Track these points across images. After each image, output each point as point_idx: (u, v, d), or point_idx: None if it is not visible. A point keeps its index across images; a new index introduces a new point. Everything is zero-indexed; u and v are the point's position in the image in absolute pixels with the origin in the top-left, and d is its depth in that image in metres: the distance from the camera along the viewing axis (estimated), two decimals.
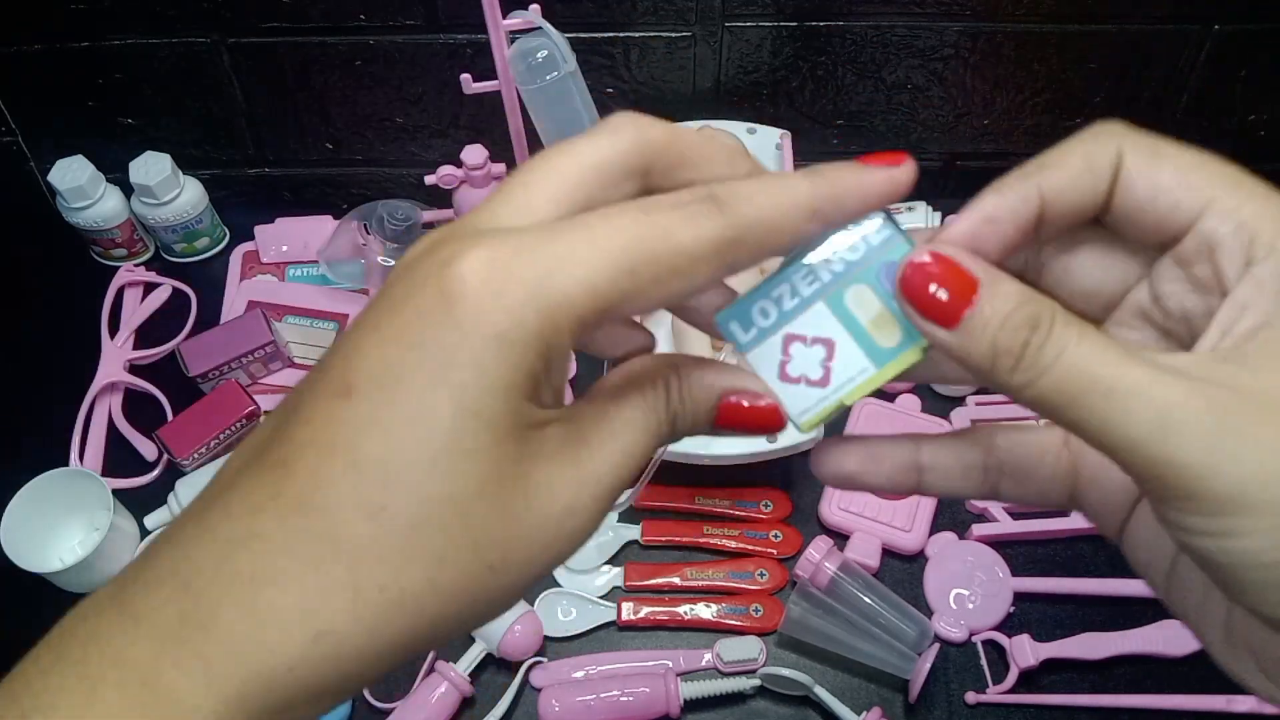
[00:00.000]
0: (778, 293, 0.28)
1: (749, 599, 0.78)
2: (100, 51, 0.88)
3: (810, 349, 0.27)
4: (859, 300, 0.26)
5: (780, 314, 0.27)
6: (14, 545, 0.77)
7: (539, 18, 0.72)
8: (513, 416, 0.23)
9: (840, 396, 0.27)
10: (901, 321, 0.26)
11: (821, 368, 0.27)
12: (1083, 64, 0.88)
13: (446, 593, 0.23)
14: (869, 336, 0.27)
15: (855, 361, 0.27)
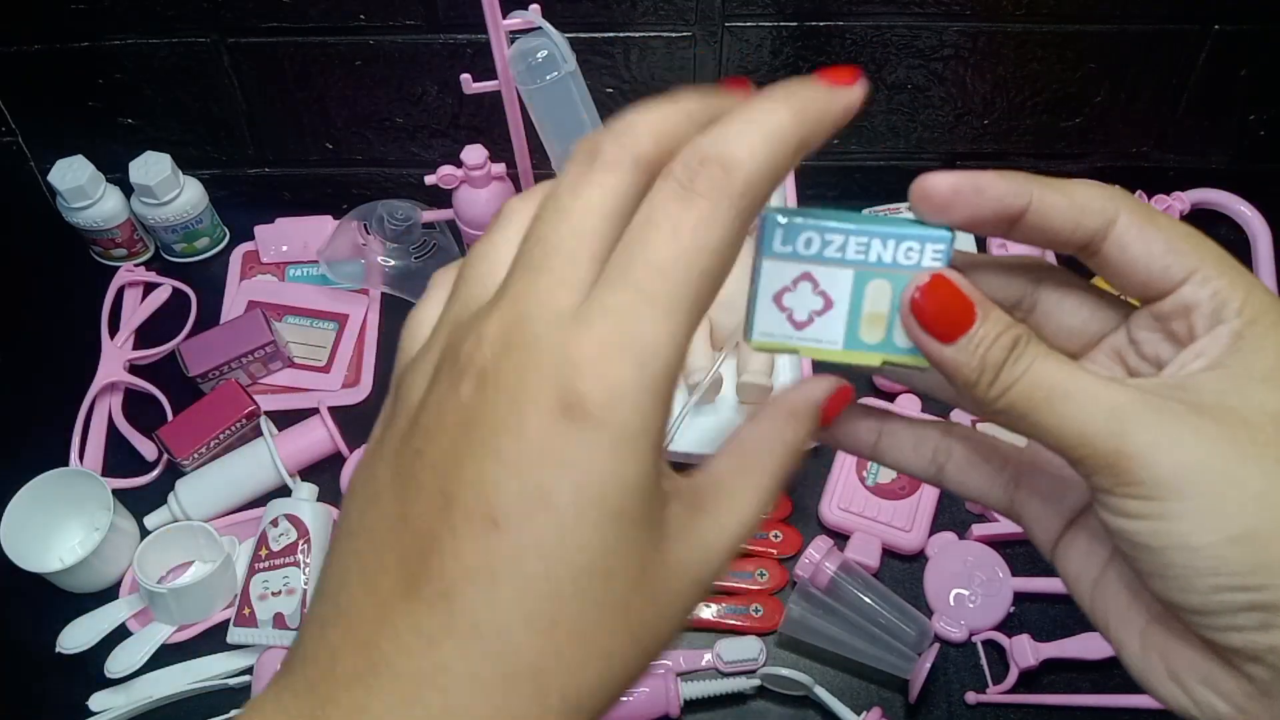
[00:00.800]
0: (831, 237, 0.29)
1: (749, 599, 0.78)
2: (100, 51, 0.88)
3: (813, 296, 0.29)
4: (877, 292, 0.29)
5: (818, 254, 0.29)
6: (14, 545, 0.77)
7: (539, 18, 0.72)
8: (650, 503, 0.23)
9: (800, 345, 0.29)
10: (888, 330, 0.29)
11: (808, 315, 0.29)
12: (1083, 64, 0.88)
13: (615, 682, 0.24)
14: (858, 322, 0.29)
15: (833, 331, 0.29)
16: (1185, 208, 0.97)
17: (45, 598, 0.79)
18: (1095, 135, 0.95)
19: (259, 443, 0.85)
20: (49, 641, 0.77)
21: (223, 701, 0.76)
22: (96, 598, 0.80)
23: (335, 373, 0.92)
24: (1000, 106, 0.92)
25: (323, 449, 0.86)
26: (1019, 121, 0.94)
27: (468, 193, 0.87)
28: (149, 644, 0.77)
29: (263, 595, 0.77)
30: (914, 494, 0.81)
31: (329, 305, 0.95)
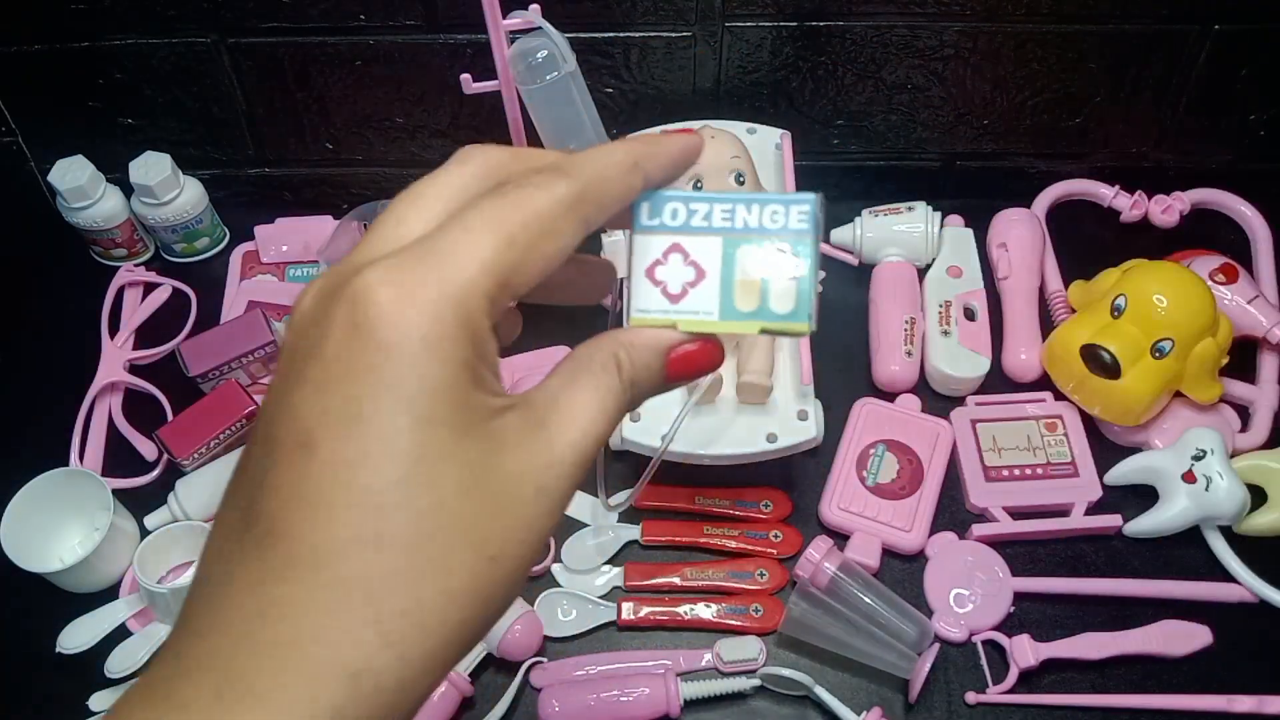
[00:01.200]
0: (695, 207, 0.29)
1: (749, 599, 0.78)
2: (100, 51, 0.88)
3: (684, 267, 0.29)
4: (746, 258, 0.29)
5: (684, 224, 0.29)
6: (14, 545, 0.77)
7: (539, 18, 0.72)
8: (467, 412, 0.24)
9: (678, 319, 0.29)
10: (764, 296, 0.29)
11: (681, 287, 0.29)
12: (1083, 64, 0.88)
13: (462, 596, 0.24)
14: (732, 290, 0.29)
15: (708, 301, 0.29)
16: (1185, 208, 0.97)
17: (45, 598, 0.79)
18: (1095, 135, 0.95)
19: None
20: (49, 641, 0.77)
21: None
22: (96, 598, 0.80)
23: None
24: (1000, 106, 0.92)
25: None
26: (1019, 121, 0.94)
27: None
28: (149, 644, 0.77)
29: None
30: (914, 494, 0.81)
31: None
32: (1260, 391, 0.86)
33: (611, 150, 0.29)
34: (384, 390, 0.23)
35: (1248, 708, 0.72)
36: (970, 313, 0.90)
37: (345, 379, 0.23)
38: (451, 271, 0.24)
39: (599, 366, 0.28)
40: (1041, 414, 0.85)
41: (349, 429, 0.23)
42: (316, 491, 0.23)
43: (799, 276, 0.29)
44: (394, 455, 0.23)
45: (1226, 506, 0.77)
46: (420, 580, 0.23)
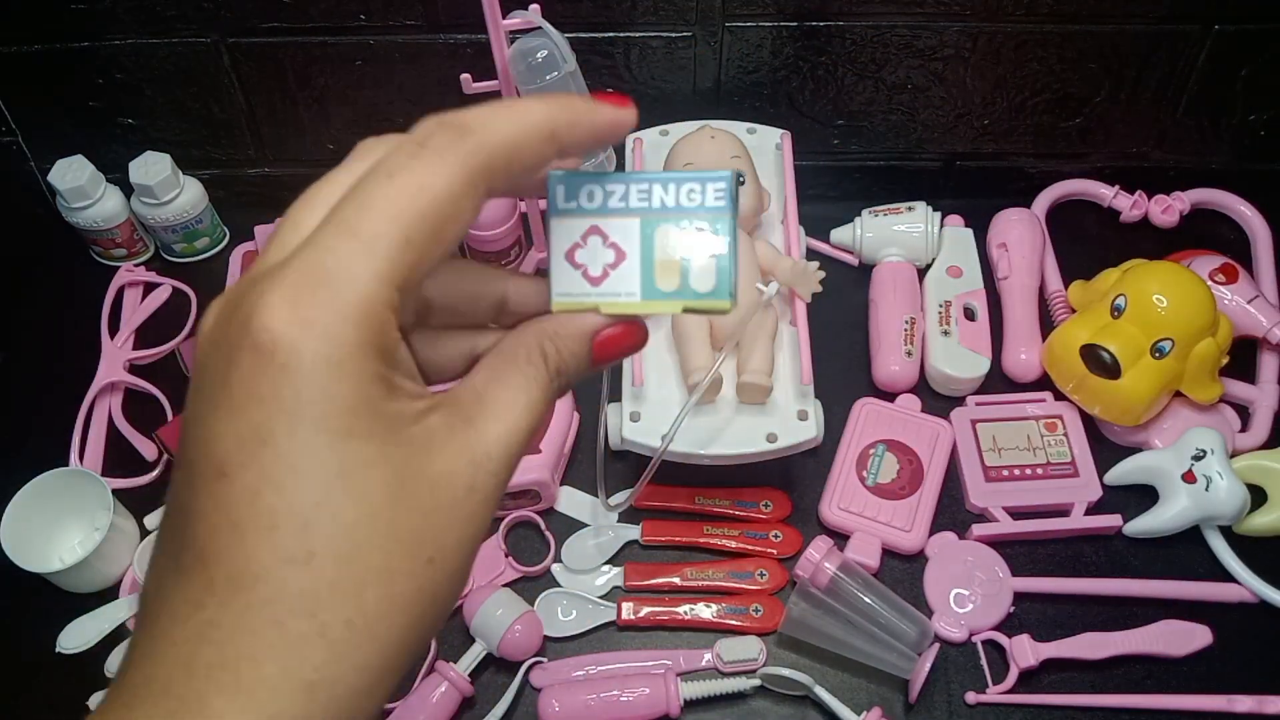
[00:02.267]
0: (612, 188, 0.29)
1: (749, 599, 0.78)
2: (100, 51, 0.88)
3: (604, 249, 0.29)
4: (665, 238, 0.29)
5: (601, 205, 0.29)
6: (14, 545, 0.77)
7: (539, 18, 0.72)
8: (384, 420, 0.24)
9: (599, 302, 0.29)
10: (683, 275, 0.29)
11: (602, 269, 0.29)
12: (1083, 64, 0.88)
13: (405, 600, 0.24)
14: (653, 271, 0.29)
15: (629, 282, 0.29)
16: (1185, 208, 0.97)
17: (45, 598, 0.79)
18: (1095, 135, 0.95)
19: None
20: (49, 641, 0.77)
21: None
22: (96, 598, 0.80)
23: None
24: (1000, 106, 0.92)
25: None
26: (1019, 121, 0.94)
27: None
28: None
29: None
30: (914, 494, 0.81)
31: None
32: (1260, 391, 0.86)
33: (527, 111, 0.26)
34: (292, 413, 0.23)
35: (1248, 708, 0.72)
36: (970, 313, 0.90)
37: (252, 405, 0.23)
38: (346, 291, 0.23)
39: (524, 360, 0.28)
40: (1041, 414, 0.85)
41: (261, 454, 0.23)
42: (239, 517, 0.23)
43: (718, 254, 0.29)
44: (311, 474, 0.23)
45: (1226, 506, 0.77)
46: (361, 590, 0.23)
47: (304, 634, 0.23)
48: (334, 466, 0.23)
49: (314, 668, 0.23)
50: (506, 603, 0.75)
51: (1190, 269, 0.84)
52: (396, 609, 0.24)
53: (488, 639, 0.75)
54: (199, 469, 0.24)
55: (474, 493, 0.26)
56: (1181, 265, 0.85)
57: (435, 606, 0.25)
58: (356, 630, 0.23)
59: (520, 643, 0.74)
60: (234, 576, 0.23)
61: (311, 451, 0.23)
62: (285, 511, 0.23)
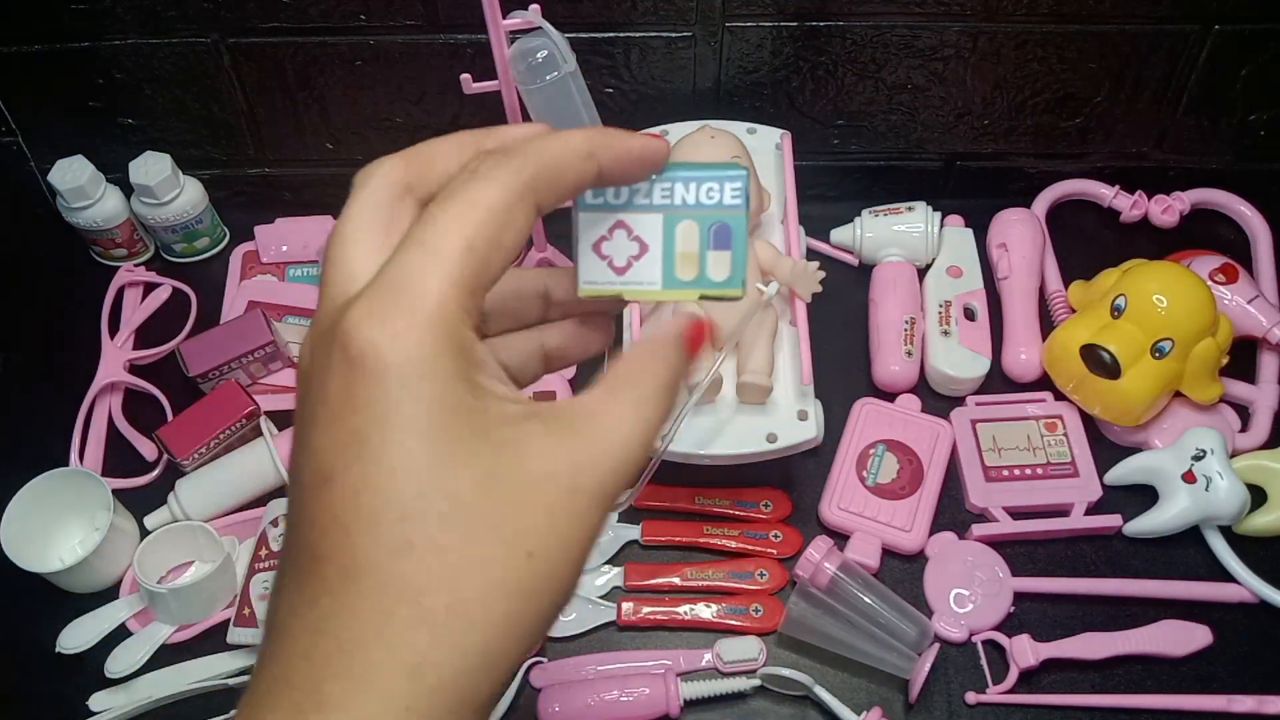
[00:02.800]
0: (637, 186, 0.32)
1: (749, 599, 0.78)
2: (100, 51, 0.88)
3: (629, 242, 0.32)
4: (686, 232, 0.32)
5: (627, 202, 0.32)
6: (14, 545, 0.77)
7: (539, 18, 0.72)
8: (471, 417, 0.26)
9: (624, 289, 0.32)
10: (701, 266, 0.32)
11: (626, 260, 0.32)
12: (1083, 64, 0.88)
13: (504, 588, 0.25)
14: (673, 262, 0.32)
15: (651, 273, 0.32)
16: (1185, 208, 0.97)
17: (45, 598, 0.79)
18: (1095, 135, 0.95)
19: (259, 443, 0.85)
20: (49, 641, 0.77)
21: (223, 701, 0.76)
22: (96, 598, 0.80)
23: None
24: (1000, 106, 0.92)
25: None
26: (1019, 121, 0.94)
27: None
28: (149, 644, 0.77)
29: (263, 595, 0.77)
30: (914, 494, 0.81)
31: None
32: (1260, 391, 0.86)
33: (569, 137, 0.29)
34: (384, 417, 0.25)
35: (1248, 708, 0.72)
36: (970, 313, 0.90)
37: (348, 412, 0.25)
38: (421, 298, 0.25)
39: (643, 376, 0.30)
40: (1041, 414, 0.85)
41: (360, 456, 0.25)
42: (345, 517, 0.25)
43: (733, 247, 0.32)
44: (406, 472, 0.25)
45: (1226, 506, 0.77)
46: (458, 577, 0.25)
47: (407, 619, 0.24)
48: (425, 463, 0.25)
49: (417, 651, 0.24)
50: None
51: (1190, 269, 0.84)
52: (494, 596, 0.25)
53: None
54: (306, 479, 0.26)
55: (577, 495, 0.27)
56: (1181, 265, 0.85)
57: (538, 600, 0.26)
58: (456, 615, 0.25)
59: None
60: (344, 570, 0.25)
61: (405, 451, 0.25)
62: (384, 507, 0.25)
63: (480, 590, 0.25)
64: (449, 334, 0.26)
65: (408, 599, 0.24)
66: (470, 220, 0.27)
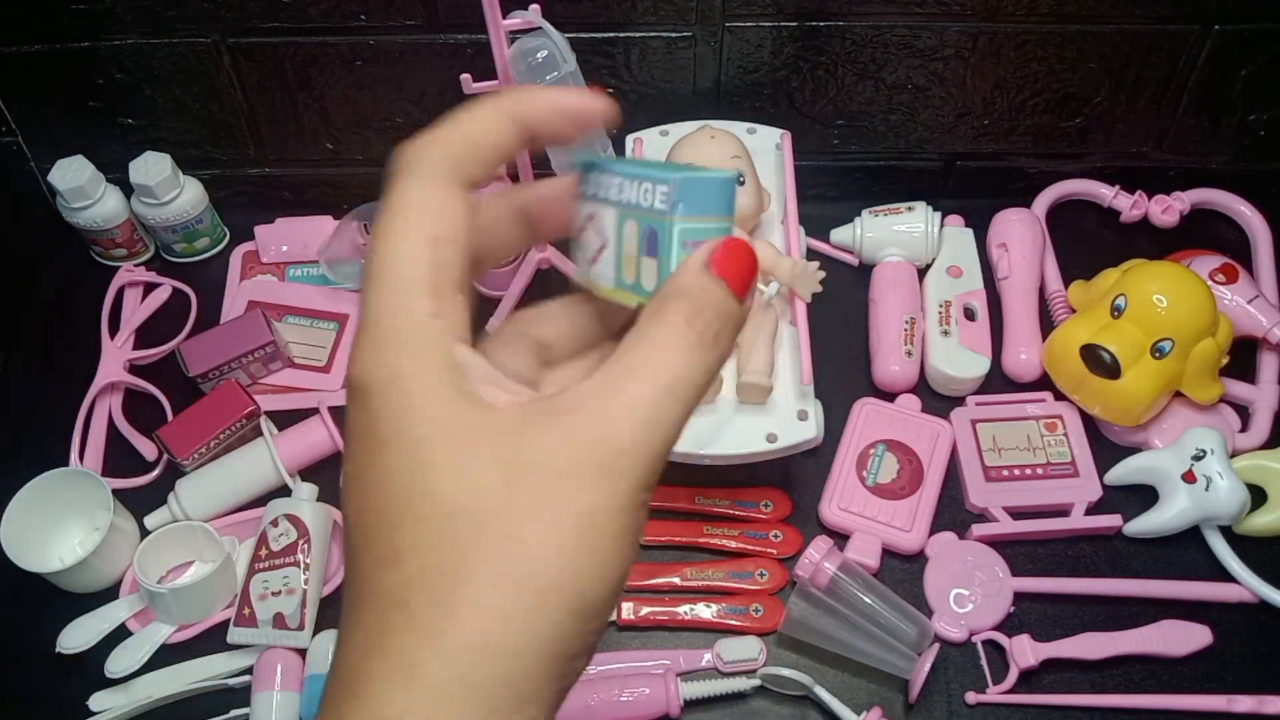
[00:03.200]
0: (607, 179, 0.31)
1: (749, 599, 0.78)
2: (100, 51, 0.88)
3: (595, 235, 0.31)
4: (630, 233, 0.30)
5: (596, 193, 0.31)
6: (14, 545, 0.77)
7: (539, 18, 0.72)
8: (462, 421, 0.26)
9: (592, 281, 0.31)
10: (638, 273, 0.30)
11: (596, 251, 0.31)
12: (1083, 64, 0.88)
13: (538, 563, 0.25)
14: (621, 261, 0.30)
15: (607, 268, 0.31)
16: (1185, 208, 0.97)
17: (45, 598, 0.79)
18: (1095, 135, 0.95)
19: (259, 443, 0.85)
20: (49, 641, 0.77)
21: (223, 701, 0.76)
22: (96, 598, 0.80)
23: (335, 373, 0.92)
24: (1000, 106, 0.92)
25: (323, 449, 0.86)
26: (1019, 121, 0.94)
27: None
28: (149, 644, 0.77)
29: (263, 595, 0.77)
30: (914, 494, 0.81)
31: (329, 305, 0.95)
32: (1260, 391, 0.86)
33: (480, 104, 0.30)
34: (381, 442, 0.26)
35: (1248, 708, 0.72)
36: (970, 313, 0.90)
37: (358, 444, 0.27)
38: (385, 320, 0.27)
39: (653, 328, 0.28)
40: (1041, 414, 0.85)
41: (367, 479, 0.27)
42: (364, 533, 0.27)
43: (659, 255, 0.29)
44: (399, 487, 0.26)
45: (1226, 506, 0.77)
46: (506, 552, 0.25)
47: (463, 598, 0.25)
48: (413, 476, 0.26)
49: (442, 632, 0.25)
50: None
51: (1190, 269, 0.84)
52: (554, 560, 0.25)
53: None
54: (341, 503, 0.28)
55: (583, 468, 0.26)
56: (1181, 265, 0.85)
57: (589, 568, 0.26)
58: (512, 591, 0.25)
59: None
60: (391, 554, 0.26)
61: (396, 469, 0.26)
62: (381, 521, 0.26)
63: (535, 560, 0.25)
64: (421, 347, 0.26)
65: (452, 576, 0.25)
66: (400, 227, 0.27)
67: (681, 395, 0.27)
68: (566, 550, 0.25)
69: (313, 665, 0.75)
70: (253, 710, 0.74)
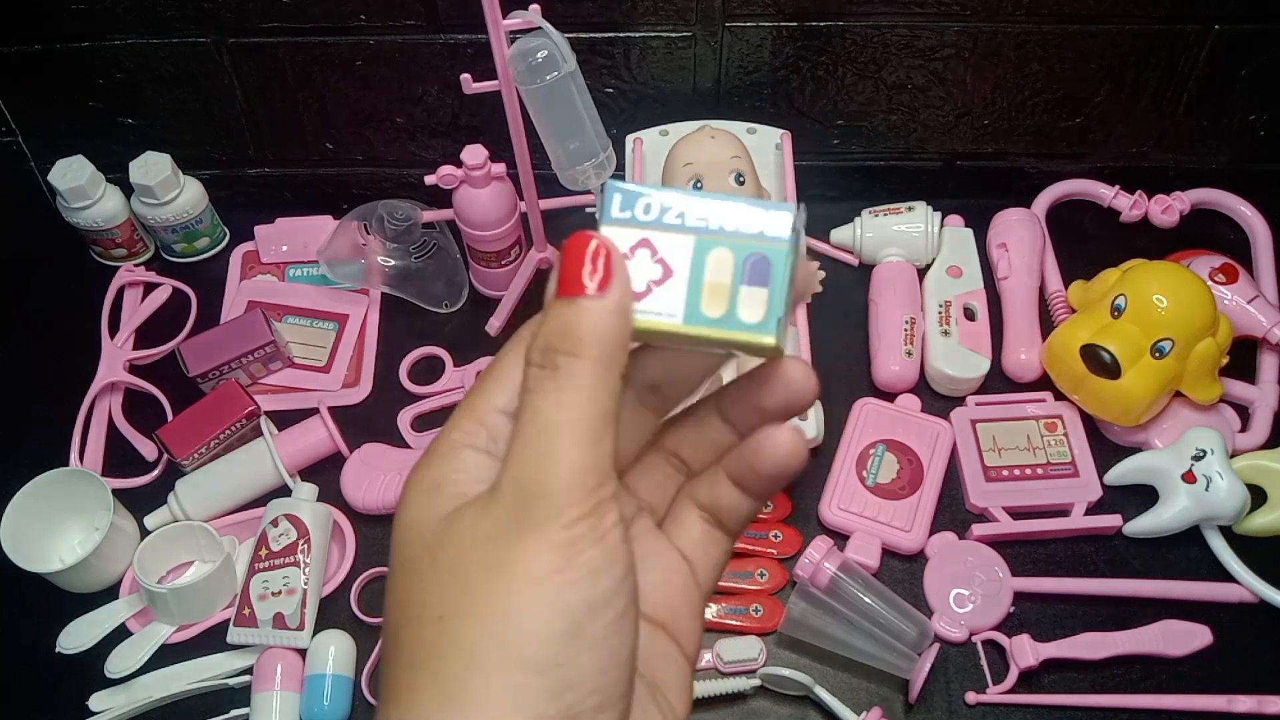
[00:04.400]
0: (670, 202, 0.28)
1: (749, 599, 0.78)
2: (100, 51, 0.88)
3: (651, 263, 0.27)
4: (719, 261, 0.27)
5: (657, 219, 0.28)
6: (14, 545, 0.77)
7: (539, 18, 0.72)
8: (438, 544, 0.27)
9: (638, 318, 0.27)
10: (732, 303, 0.27)
11: (646, 284, 0.27)
12: (1083, 64, 0.88)
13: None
14: (700, 293, 0.27)
15: (673, 302, 0.27)
16: (1185, 208, 0.97)
17: (45, 598, 0.79)
18: (1095, 135, 0.95)
19: (259, 443, 0.85)
20: (49, 641, 0.77)
21: (223, 701, 0.76)
22: (96, 598, 0.80)
23: (335, 373, 0.92)
24: (1000, 106, 0.92)
25: (323, 449, 0.86)
26: (1019, 121, 0.94)
27: (468, 193, 0.87)
28: (149, 644, 0.77)
29: (263, 595, 0.77)
30: (914, 494, 0.81)
31: (329, 305, 0.95)
32: (1260, 391, 0.86)
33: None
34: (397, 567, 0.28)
35: (1248, 708, 0.72)
36: (970, 313, 0.90)
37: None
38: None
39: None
40: (1041, 414, 0.85)
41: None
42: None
43: (771, 286, 0.27)
44: (407, 605, 0.27)
45: (1226, 506, 0.77)
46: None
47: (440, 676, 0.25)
48: (405, 594, 0.27)
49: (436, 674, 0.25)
50: None
51: (1190, 269, 0.84)
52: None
53: None
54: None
55: (514, 549, 0.26)
56: (1181, 265, 0.85)
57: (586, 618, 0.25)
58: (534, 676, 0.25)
59: None
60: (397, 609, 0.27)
61: (400, 589, 0.27)
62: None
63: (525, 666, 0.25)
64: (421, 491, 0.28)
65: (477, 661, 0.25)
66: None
67: (552, 426, 0.26)
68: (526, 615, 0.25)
69: (312, 665, 0.75)
70: (253, 710, 0.74)
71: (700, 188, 0.78)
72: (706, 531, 0.32)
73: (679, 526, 0.32)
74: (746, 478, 0.31)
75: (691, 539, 0.32)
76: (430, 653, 0.25)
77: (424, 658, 0.25)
